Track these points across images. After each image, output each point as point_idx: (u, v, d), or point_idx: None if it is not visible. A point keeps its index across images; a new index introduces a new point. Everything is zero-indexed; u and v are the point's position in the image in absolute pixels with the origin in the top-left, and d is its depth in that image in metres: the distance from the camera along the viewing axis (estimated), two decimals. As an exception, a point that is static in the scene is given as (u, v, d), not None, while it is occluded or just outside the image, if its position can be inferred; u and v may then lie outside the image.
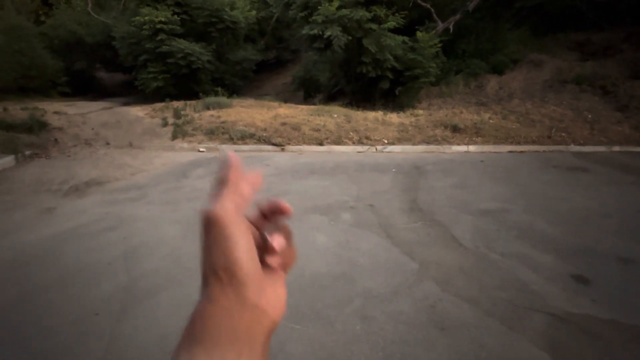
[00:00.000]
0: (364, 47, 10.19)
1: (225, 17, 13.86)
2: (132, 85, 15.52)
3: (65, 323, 1.87)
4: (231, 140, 7.47)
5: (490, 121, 8.22)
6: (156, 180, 4.86)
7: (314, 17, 10.15)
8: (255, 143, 7.37)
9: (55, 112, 9.58)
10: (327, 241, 2.90)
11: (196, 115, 9.00)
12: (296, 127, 7.91)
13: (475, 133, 7.60)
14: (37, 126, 7.45)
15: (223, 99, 10.23)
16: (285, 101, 12.13)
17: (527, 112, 8.67)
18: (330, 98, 12.54)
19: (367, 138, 7.47)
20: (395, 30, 10.17)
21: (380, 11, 9.95)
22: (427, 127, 7.98)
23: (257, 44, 17.94)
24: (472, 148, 7.06)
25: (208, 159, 6.32)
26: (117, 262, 2.49)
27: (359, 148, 7.13)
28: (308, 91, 14.87)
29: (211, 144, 7.31)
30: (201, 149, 7.07)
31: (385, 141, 7.36)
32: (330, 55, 11.69)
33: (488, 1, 12.04)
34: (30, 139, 6.94)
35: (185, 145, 7.34)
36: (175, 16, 13.01)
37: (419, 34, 10.29)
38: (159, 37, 12.43)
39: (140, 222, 3.27)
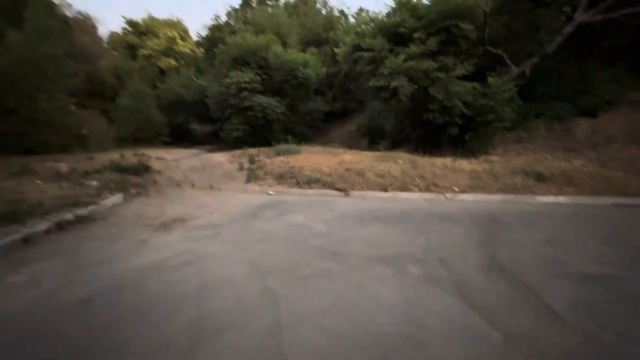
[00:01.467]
0: (430, 95, 10.20)
1: (299, 74, 15.43)
2: (218, 134, 17.86)
3: (143, 352, 2.02)
4: (298, 184, 7.84)
5: (584, 169, 7.18)
6: (230, 220, 5.25)
7: (380, 70, 10.65)
8: (320, 188, 7.60)
9: (157, 158, 11.40)
10: (392, 296, 2.69)
11: (268, 161, 9.78)
12: (360, 173, 7.98)
13: (565, 182, 6.68)
14: (142, 169, 8.90)
15: (292, 146, 11.00)
16: (350, 148, 12.51)
17: (633, 159, 7.39)
18: (395, 145, 12.53)
19: (435, 185, 7.12)
20: (465, 77, 10.02)
21: (448, 61, 10.01)
22: (504, 174, 7.30)
23: (326, 96, 19.35)
24: (562, 199, 6.16)
25: (276, 201, 6.67)
26: (191, 297, 2.66)
27: (426, 195, 6.80)
28: (373, 138, 15.14)
29: (280, 188, 7.76)
30: (270, 192, 7.54)
31: (456, 189, 6.91)
32: (396, 104, 11.93)
33: (571, 42, 11.24)
34: (136, 179, 8.27)
35: (257, 188, 7.91)
36: (257, 76, 14.96)
37: (490, 80, 9.96)
38: (242, 94, 14.32)
39: (213, 260, 3.51)
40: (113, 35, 31.70)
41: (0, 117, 11.33)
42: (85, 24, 28.00)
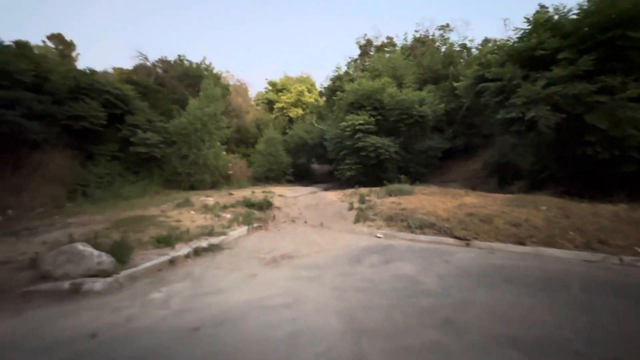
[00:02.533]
0: (587, 124, 8.08)
1: (414, 112, 15.04)
2: (333, 174, 18.85)
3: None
4: (409, 228, 7.19)
5: None
6: (334, 262, 5.12)
7: (511, 100, 9.24)
8: (434, 234, 6.74)
9: (279, 195, 12.71)
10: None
11: (378, 201, 9.48)
12: (486, 220, 6.73)
13: None
14: (265, 205, 10.01)
15: (405, 186, 10.42)
16: (474, 189, 10.95)
17: None
18: (535, 186, 10.29)
19: (602, 242, 5.27)
20: (642, 99, 7.58)
21: (613, 80, 7.84)
22: None
23: (445, 133, 18.08)
24: None
25: (384, 246, 6.23)
26: (281, 345, 2.55)
27: (587, 255, 5.07)
28: (503, 178, 12.95)
29: (389, 231, 7.29)
30: (378, 235, 7.14)
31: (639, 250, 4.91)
32: (535, 137, 9.98)
33: None
34: (260, 214, 9.33)
35: (365, 229, 7.66)
36: (372, 118, 15.34)
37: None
38: (356, 136, 14.84)
39: (310, 305, 3.37)
40: (258, 94, 39.23)
41: (177, 161, 15.13)
42: (240, 88, 35.69)
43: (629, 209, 6.46)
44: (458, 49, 22.95)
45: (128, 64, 32.13)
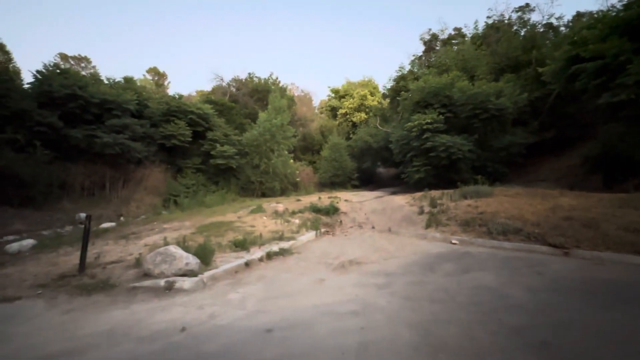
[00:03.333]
0: None
1: (490, 106, 13.66)
2: (400, 177, 18.14)
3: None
4: (489, 234, 6.47)
5: None
6: (404, 270, 4.87)
7: (619, 81, 7.72)
8: (522, 241, 5.93)
9: (345, 200, 12.72)
10: None
11: (452, 204, 8.78)
12: (591, 224, 5.68)
13: None
14: (332, 210, 10.10)
15: (483, 188, 9.46)
16: (571, 188, 9.37)
17: None
18: (659, 182, 8.32)
19: None
20: None
21: None
22: None
23: (530, 126, 15.96)
24: None
25: (460, 253, 5.71)
26: (351, 354, 2.48)
27: None
28: (611, 174, 10.82)
29: (465, 237, 6.66)
30: (454, 241, 6.58)
31: None
32: (655, 123, 8.15)
33: None
34: (327, 219, 9.45)
35: (438, 235, 7.14)
36: (440, 116, 14.38)
37: None
38: (424, 136, 14.05)
39: (379, 315, 3.24)
40: (321, 102, 40.26)
41: (250, 170, 16.34)
42: (305, 98, 37.16)
43: None
44: (542, 29, 20.16)
45: (207, 86, 36.19)
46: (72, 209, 10.74)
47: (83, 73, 17.39)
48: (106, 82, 15.60)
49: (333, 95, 36.37)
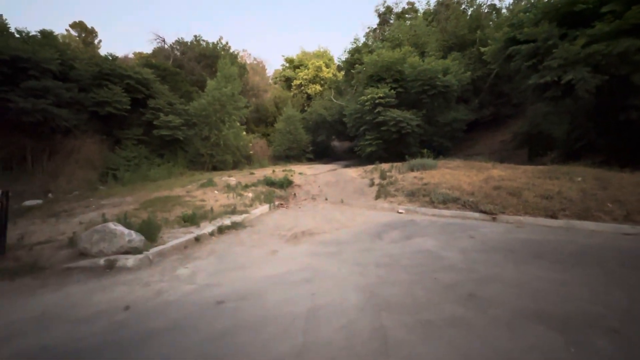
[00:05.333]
0: (633, 85, 7.35)
1: (438, 83, 14.29)
2: (354, 150, 18.57)
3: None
4: (432, 203, 7.02)
5: None
6: (354, 238, 5.12)
7: (546, 63, 8.52)
8: (458, 208, 6.54)
9: (299, 173, 12.74)
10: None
11: (400, 176, 9.28)
12: (515, 193, 6.43)
13: None
14: (286, 183, 10.08)
15: (428, 161, 10.10)
16: (502, 162, 10.43)
17: None
18: (570, 156, 9.64)
19: (645, 214, 4.89)
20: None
21: (666, 33, 6.97)
22: None
23: (471, 104, 17.16)
24: None
25: (405, 221, 6.14)
26: (299, 320, 2.59)
27: (627, 228, 4.75)
28: (534, 149, 12.25)
29: (410, 206, 7.15)
30: (400, 211, 7.04)
31: (688, 222, 4.52)
32: (572, 104, 9.24)
33: None
34: (280, 192, 9.43)
35: (386, 205, 7.56)
36: (392, 91, 14.74)
37: None
38: (376, 110, 14.37)
39: (330, 281, 3.40)
40: (275, 72, 38.67)
41: (199, 142, 15.43)
42: (257, 66, 35.27)
43: (678, 178, 5.93)
44: (487, 10, 21.22)
45: (147, 48, 32.46)
46: (-16, 185, 9.28)
47: (-16, 22, 14.36)
48: (17, 35, 13.12)
49: (287, 65, 35.12)
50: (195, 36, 25.59)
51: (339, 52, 75.00)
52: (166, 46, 24.89)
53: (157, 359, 2.20)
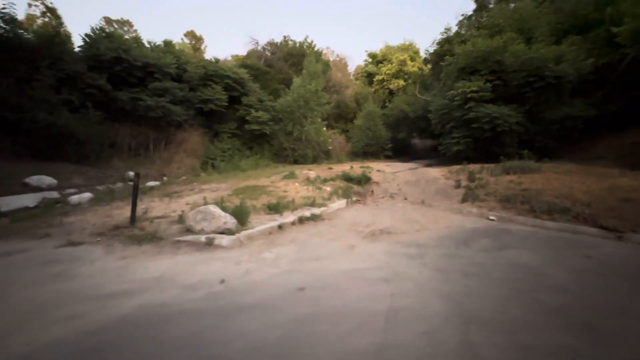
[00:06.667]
0: None
1: (547, 73, 12.30)
2: (437, 149, 17.37)
3: None
4: (532, 212, 6.10)
5: None
6: (436, 242, 4.80)
7: None
8: (568, 221, 5.54)
9: (378, 170, 12.52)
10: None
11: (492, 179, 8.33)
12: (653, 208, 5.13)
13: None
14: (364, 180, 10.01)
15: (528, 163, 8.83)
16: (633, 168, 8.43)
17: None
18: None
19: None
20: None
21: None
22: None
23: (592, 97, 14.24)
24: None
25: (497, 229, 5.49)
26: (379, 318, 2.54)
27: None
28: (687, 153, 9.55)
29: (504, 213, 6.35)
30: (491, 217, 6.32)
31: None
32: None
33: None
34: (358, 188, 9.41)
35: (474, 210, 6.88)
36: (488, 84, 13.23)
37: None
38: (467, 105, 13.10)
39: (410, 283, 3.25)
40: (357, 67, 38.60)
41: (284, 137, 16.47)
42: (340, 63, 35.77)
43: None
44: (621, -19, 17.19)
45: (242, 50, 35.92)
46: (121, 167, 11.61)
47: (126, 37, 17.88)
48: (147, 45, 15.98)
49: (370, 60, 34.61)
50: (284, 36, 27.22)
51: (426, 45, 70.66)
52: (259, 47, 27.10)
53: (247, 331, 2.43)
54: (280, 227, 5.41)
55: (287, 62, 25.07)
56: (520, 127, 12.90)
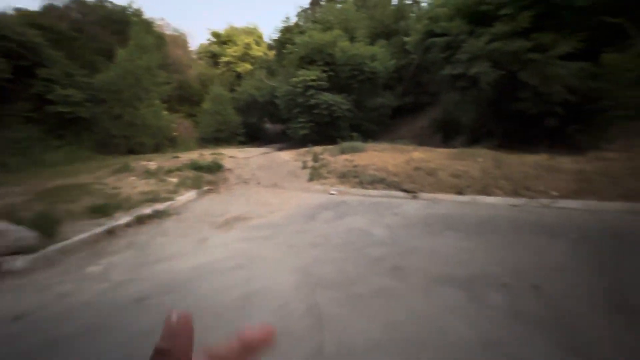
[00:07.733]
0: (520, 80, 8.65)
1: (366, 69, 14.83)
2: (286, 133, 18.38)
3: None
4: (361, 184, 7.41)
5: None
6: (288, 221, 5.12)
7: (457, 56, 9.48)
8: (384, 188, 7.04)
9: (230, 157, 12.14)
10: (464, 332, 2.12)
11: (332, 159, 9.54)
12: (431, 173, 7.16)
13: None
14: (215, 167, 9.51)
15: (357, 144, 10.57)
16: (422, 145, 11.49)
17: None
18: (475, 141, 11.08)
19: (527, 189, 5.94)
20: (570, 57, 8.20)
21: (546, 37, 8.32)
22: (628, 176, 5.70)
23: (395, 91, 18.29)
24: None
25: (337, 202, 6.37)
26: (234, 306, 2.52)
27: (514, 200, 5.70)
28: (447, 134, 13.73)
29: (342, 188, 7.44)
30: (332, 192, 7.27)
31: (555, 193, 5.64)
32: (476, 94, 10.52)
33: None
34: (209, 177, 8.87)
35: (319, 187, 7.73)
36: (324, 74, 14.85)
37: (606, 57, 7.98)
38: (308, 92, 14.36)
39: (264, 264, 3.36)
40: (201, 46, 35.47)
41: (110, 122, 13.48)
42: (179, 39, 31.81)
43: (549, 158, 7.29)
44: (409, 1, 22.53)
45: (33, 4, 26.31)
46: None
47: None
48: None
49: (214, 39, 32.48)
50: (99, -4, 21.68)
51: (269, 30, 72.16)
52: (60, 5, 20.61)
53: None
54: (110, 232, 4.47)
55: (105, 28, 20.21)
56: (351, 113, 15.27)
